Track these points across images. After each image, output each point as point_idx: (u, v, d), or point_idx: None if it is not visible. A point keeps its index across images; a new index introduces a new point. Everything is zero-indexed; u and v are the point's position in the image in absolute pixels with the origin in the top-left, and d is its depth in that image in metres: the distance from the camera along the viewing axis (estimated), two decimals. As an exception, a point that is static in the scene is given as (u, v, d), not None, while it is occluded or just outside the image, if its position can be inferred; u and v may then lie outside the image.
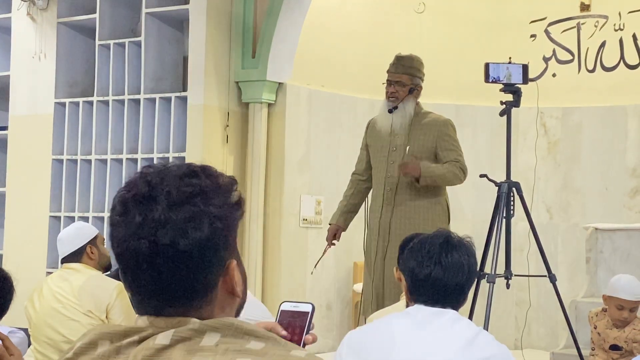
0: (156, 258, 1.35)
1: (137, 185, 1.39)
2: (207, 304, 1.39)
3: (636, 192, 7.64)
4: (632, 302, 4.97)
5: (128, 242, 1.37)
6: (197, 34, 6.97)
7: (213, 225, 1.36)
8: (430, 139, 5.42)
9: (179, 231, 1.34)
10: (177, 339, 1.33)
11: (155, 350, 1.32)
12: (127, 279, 1.40)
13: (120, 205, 1.39)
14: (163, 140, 7.11)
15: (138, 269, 1.37)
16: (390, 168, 5.47)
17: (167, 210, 1.35)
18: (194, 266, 1.36)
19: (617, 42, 7.82)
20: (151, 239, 1.34)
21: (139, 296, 1.40)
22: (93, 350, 1.40)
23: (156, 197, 1.36)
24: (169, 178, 1.37)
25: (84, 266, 4.56)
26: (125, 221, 1.38)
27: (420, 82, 5.54)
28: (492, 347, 2.69)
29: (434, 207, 5.42)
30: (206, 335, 1.33)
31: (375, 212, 5.50)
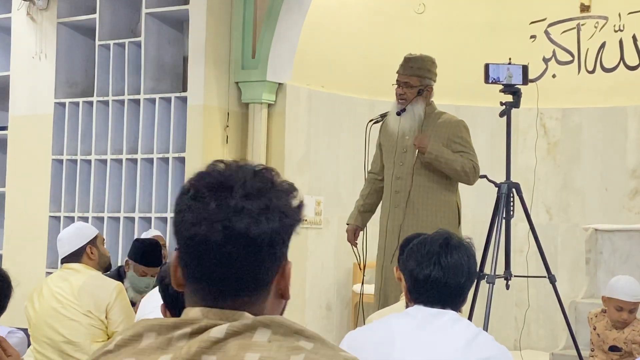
0: (227, 243, 1.38)
1: (211, 174, 1.42)
2: (261, 300, 1.43)
3: (636, 193, 7.64)
4: (631, 303, 4.97)
5: (200, 226, 1.39)
6: (197, 34, 6.97)
7: (282, 220, 1.42)
8: (441, 141, 5.37)
9: (252, 220, 1.39)
10: (230, 332, 1.36)
11: (210, 342, 1.35)
12: (191, 264, 1.42)
13: (193, 191, 1.41)
14: (163, 141, 7.11)
15: (206, 254, 1.39)
16: (398, 170, 5.44)
17: (242, 199, 1.39)
18: (261, 256, 1.40)
19: (617, 43, 7.82)
20: (226, 224, 1.38)
21: (199, 283, 1.42)
22: (137, 342, 1.40)
23: (232, 186, 1.40)
24: (243, 171, 1.42)
25: (84, 266, 4.56)
26: (198, 206, 1.40)
27: (430, 83, 5.44)
28: (491, 347, 2.69)
29: (444, 212, 5.38)
30: (257, 331, 1.36)
31: (385, 214, 5.49)
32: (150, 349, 1.39)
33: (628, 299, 4.96)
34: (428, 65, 5.46)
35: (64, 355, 4.46)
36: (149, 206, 7.14)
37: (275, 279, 1.44)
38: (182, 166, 7.00)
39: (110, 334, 4.51)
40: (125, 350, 1.40)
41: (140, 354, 1.39)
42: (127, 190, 7.24)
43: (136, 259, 5.68)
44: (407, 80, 5.42)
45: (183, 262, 1.44)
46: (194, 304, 1.42)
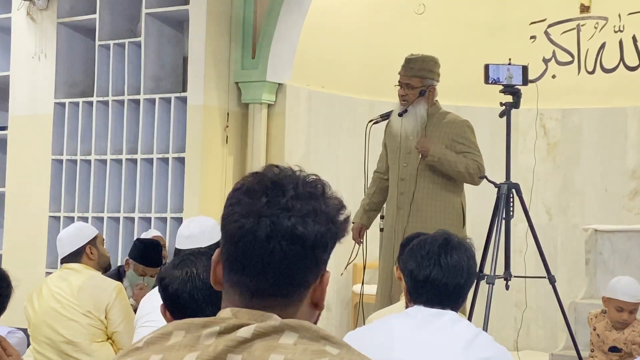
0: (272, 239, 1.41)
1: (265, 174, 1.47)
2: (294, 305, 1.45)
3: (636, 194, 7.64)
4: (631, 303, 4.98)
5: (248, 218, 1.42)
6: (197, 34, 6.97)
7: (328, 226, 1.45)
8: (444, 142, 5.35)
9: (300, 219, 1.42)
10: (257, 333, 1.37)
11: (237, 342, 1.37)
12: (234, 257, 1.44)
13: (246, 187, 1.46)
14: (163, 141, 7.11)
15: (250, 247, 1.42)
16: (403, 172, 5.43)
17: (293, 199, 1.43)
18: (302, 256, 1.43)
19: (617, 43, 7.82)
20: (274, 219, 1.41)
21: (239, 277, 1.44)
22: (165, 340, 1.42)
23: (284, 186, 1.45)
24: (296, 175, 1.48)
25: (84, 266, 4.56)
26: (249, 200, 1.44)
27: (432, 83, 5.42)
28: (491, 348, 2.69)
29: (449, 213, 5.36)
30: (284, 334, 1.38)
31: (390, 216, 5.48)
32: (178, 346, 1.40)
33: (628, 299, 4.97)
34: (429, 65, 5.44)
35: (63, 355, 4.46)
36: (148, 206, 7.14)
37: (313, 285, 1.47)
38: (182, 166, 7.00)
39: (110, 334, 4.51)
40: (153, 348, 1.42)
41: (168, 350, 1.40)
42: (126, 190, 7.24)
43: (136, 259, 5.69)
44: (409, 81, 5.40)
45: (225, 255, 1.46)
46: (229, 303, 1.45)
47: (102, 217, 7.30)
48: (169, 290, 2.83)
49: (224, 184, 6.97)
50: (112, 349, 4.51)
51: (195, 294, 2.79)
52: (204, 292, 2.79)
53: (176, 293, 2.81)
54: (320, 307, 1.50)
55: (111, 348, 4.52)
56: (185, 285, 2.80)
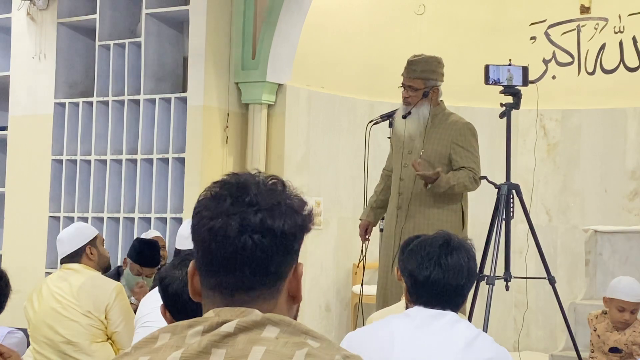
0: (243, 234, 1.48)
1: (226, 180, 1.54)
2: (273, 297, 1.51)
3: (635, 195, 7.64)
4: (633, 303, 4.98)
5: (217, 220, 1.49)
6: (197, 34, 6.97)
7: (294, 217, 1.51)
8: (445, 143, 5.34)
9: (267, 212, 1.49)
10: (240, 327, 1.43)
11: (220, 337, 1.42)
12: (208, 258, 1.50)
13: (210, 193, 1.53)
14: (163, 141, 7.11)
15: (223, 245, 1.48)
16: (403, 172, 5.42)
17: (257, 196, 1.50)
18: (274, 247, 1.49)
19: (617, 44, 7.82)
20: (242, 216, 1.48)
21: (216, 277, 1.50)
22: (152, 343, 1.47)
23: (247, 186, 1.51)
24: (255, 177, 1.54)
25: (83, 267, 4.56)
26: (215, 203, 1.50)
27: (436, 84, 5.38)
28: (491, 349, 2.69)
29: (448, 216, 5.35)
30: (266, 328, 1.44)
31: (389, 215, 5.48)
32: (165, 347, 1.45)
33: (630, 299, 4.97)
34: (432, 66, 5.42)
35: (63, 355, 4.46)
36: (148, 207, 7.14)
37: (287, 277, 1.53)
38: (181, 167, 7.00)
39: (109, 334, 4.51)
40: (141, 351, 1.47)
41: (155, 352, 1.45)
42: (126, 190, 7.24)
43: (133, 258, 5.70)
44: (411, 83, 5.38)
45: (200, 261, 1.52)
46: (211, 306, 1.50)
47: (102, 217, 7.30)
48: (169, 291, 2.83)
49: (224, 184, 6.97)
50: (112, 349, 4.52)
51: (195, 295, 2.79)
52: (204, 292, 2.79)
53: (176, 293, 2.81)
54: (297, 299, 1.55)
55: (111, 348, 4.52)
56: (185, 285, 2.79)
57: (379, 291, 5.45)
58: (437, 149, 5.34)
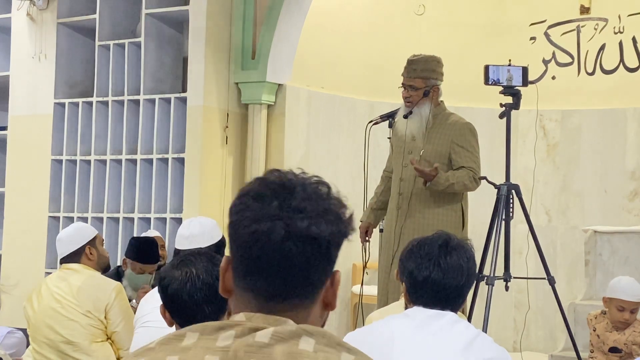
0: (287, 240, 1.43)
1: (269, 179, 1.49)
2: (308, 306, 1.47)
3: (635, 195, 7.64)
4: (633, 303, 4.98)
5: (262, 223, 1.43)
6: (197, 35, 6.97)
7: (338, 225, 1.47)
8: (445, 143, 5.33)
9: (313, 220, 1.44)
10: (276, 338, 1.38)
11: (257, 347, 1.38)
12: (248, 263, 1.45)
13: (253, 192, 1.47)
14: (162, 141, 7.10)
15: (266, 250, 1.44)
16: (404, 172, 5.42)
17: (304, 200, 1.45)
18: (318, 256, 1.45)
19: (617, 45, 7.82)
20: (288, 222, 1.43)
21: (253, 281, 1.45)
22: (178, 341, 1.42)
23: (293, 188, 1.46)
24: (301, 178, 1.50)
25: (83, 267, 4.56)
26: (259, 205, 1.45)
27: (436, 83, 5.37)
28: (491, 349, 2.69)
29: (448, 215, 5.34)
30: (302, 339, 1.39)
31: (389, 215, 5.48)
32: (195, 348, 1.40)
33: (630, 298, 4.97)
34: (432, 65, 5.41)
35: (63, 355, 4.45)
36: (148, 207, 7.14)
37: (325, 285, 1.49)
38: (181, 167, 7.00)
39: (109, 334, 4.51)
40: (167, 348, 1.42)
41: (183, 352, 1.40)
42: (126, 190, 7.24)
43: (133, 257, 5.70)
44: (412, 83, 5.37)
45: (237, 261, 1.47)
46: (243, 308, 1.46)
47: (102, 217, 7.30)
48: (168, 291, 2.83)
49: (224, 184, 6.98)
50: (111, 349, 4.51)
51: (194, 295, 2.79)
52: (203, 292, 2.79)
53: (176, 293, 2.81)
54: (332, 307, 1.51)
55: (111, 348, 4.52)
56: (184, 285, 2.80)
57: (380, 291, 5.45)
58: (437, 149, 5.34)
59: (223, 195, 6.94)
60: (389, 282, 5.31)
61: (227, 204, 6.98)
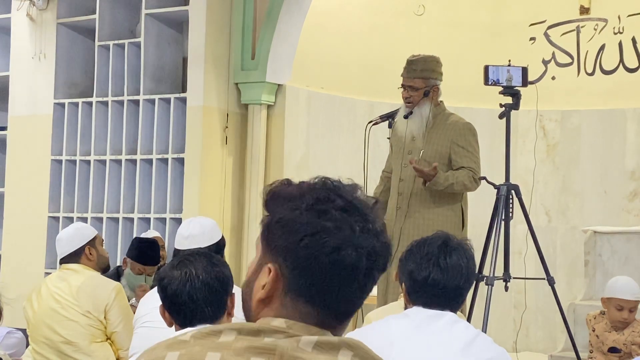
0: (372, 269, 1.41)
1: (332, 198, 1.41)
2: (345, 326, 1.46)
3: (635, 195, 7.64)
4: (631, 301, 4.98)
5: (346, 251, 1.39)
6: (197, 35, 6.97)
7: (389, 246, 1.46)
8: (445, 143, 5.33)
9: (383, 244, 1.42)
10: (318, 348, 1.37)
11: (301, 352, 1.36)
12: (318, 280, 1.40)
13: (322, 212, 1.40)
14: (162, 142, 7.10)
15: (348, 279, 1.40)
16: (403, 172, 5.41)
17: (374, 222, 1.42)
18: (372, 284, 1.44)
19: (617, 45, 7.82)
20: (370, 250, 1.40)
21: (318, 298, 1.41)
22: (215, 337, 1.39)
23: (364, 211, 1.42)
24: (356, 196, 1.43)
25: (83, 267, 4.56)
26: (337, 229, 1.39)
27: (436, 83, 5.38)
28: (490, 349, 2.69)
29: (447, 216, 5.33)
30: (341, 352, 1.37)
31: (389, 216, 5.48)
32: (236, 346, 1.37)
33: (628, 297, 4.97)
34: (432, 65, 5.41)
35: (62, 355, 4.46)
36: (148, 207, 7.14)
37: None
38: (181, 167, 7.00)
39: (109, 334, 4.51)
40: (203, 343, 1.38)
41: (224, 348, 1.37)
42: (126, 190, 7.24)
43: (134, 257, 5.70)
44: (412, 83, 5.36)
45: (297, 284, 1.41)
46: (290, 317, 1.42)
47: (102, 217, 7.29)
48: (168, 291, 2.83)
49: (224, 184, 6.98)
50: (111, 349, 4.52)
51: (194, 295, 2.79)
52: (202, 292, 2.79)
53: (175, 293, 2.81)
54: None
55: (110, 348, 4.52)
56: (184, 285, 2.80)
57: (380, 292, 5.46)
58: (437, 149, 5.34)
59: (223, 195, 6.94)
60: (388, 283, 5.31)
61: (227, 204, 7.00)
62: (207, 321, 2.78)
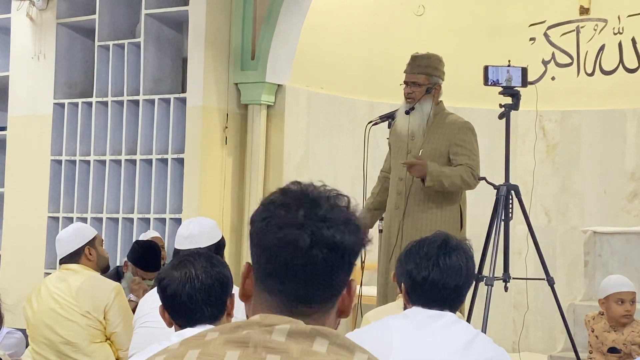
0: (314, 248, 1.50)
1: (292, 190, 1.56)
2: (325, 312, 1.55)
3: (634, 196, 7.64)
4: (630, 292, 4.99)
5: (289, 230, 1.51)
6: (197, 35, 6.97)
7: (358, 235, 1.55)
8: (444, 142, 5.32)
9: (337, 229, 1.52)
10: (291, 339, 1.44)
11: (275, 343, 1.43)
12: (270, 267, 1.52)
13: (279, 201, 1.54)
14: (162, 142, 7.10)
15: (291, 257, 1.50)
16: (402, 171, 5.39)
17: (329, 211, 1.53)
18: (340, 264, 1.53)
19: (616, 45, 7.82)
20: (314, 229, 1.50)
21: (277, 286, 1.52)
22: (200, 339, 1.47)
23: (318, 199, 1.54)
24: (325, 190, 1.57)
25: (82, 267, 4.56)
26: (285, 213, 1.52)
27: (438, 81, 5.38)
28: (490, 349, 2.69)
29: (446, 215, 5.31)
30: (316, 341, 1.45)
31: (388, 215, 5.48)
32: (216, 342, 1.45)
33: (626, 289, 4.98)
34: (435, 63, 5.41)
35: (62, 355, 4.46)
36: (147, 207, 7.14)
37: (342, 293, 1.57)
38: (181, 167, 7.00)
39: (108, 334, 4.51)
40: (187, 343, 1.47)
41: (205, 345, 1.45)
42: (125, 191, 7.24)
43: (135, 262, 5.69)
44: (415, 79, 5.35)
45: (260, 267, 1.54)
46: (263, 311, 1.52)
47: (101, 217, 7.29)
48: (167, 291, 2.83)
49: (223, 184, 6.97)
50: (110, 350, 4.52)
51: (193, 295, 2.79)
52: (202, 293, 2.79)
53: (175, 294, 2.81)
54: (346, 314, 1.59)
55: (110, 349, 4.52)
56: (183, 286, 2.80)
57: (379, 292, 5.46)
58: (436, 147, 5.33)
59: (222, 195, 6.94)
60: (387, 283, 5.31)
61: (226, 205, 7.00)
62: (206, 321, 2.79)
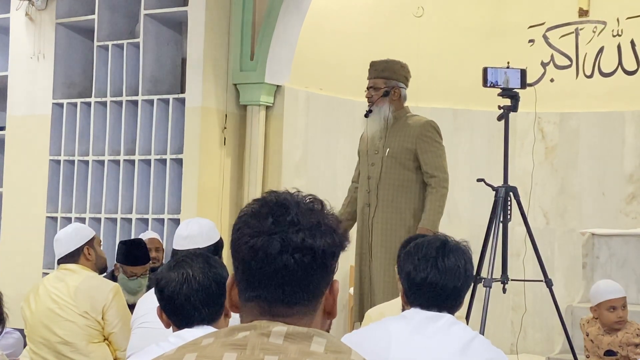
0: (284, 253, 1.52)
1: (266, 198, 1.58)
2: (310, 315, 1.56)
3: (633, 198, 7.64)
4: (620, 298, 4.98)
5: (258, 238, 1.53)
6: (196, 35, 6.97)
7: (332, 237, 1.56)
8: (409, 140, 5.41)
9: (308, 233, 1.54)
10: (289, 339, 1.47)
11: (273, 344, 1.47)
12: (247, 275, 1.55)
13: (250, 211, 1.57)
14: (161, 142, 7.10)
15: (263, 263, 1.53)
16: (370, 170, 5.50)
17: (298, 215, 1.54)
18: (314, 266, 1.54)
19: (615, 47, 7.83)
20: (283, 235, 1.53)
21: (256, 292, 1.54)
22: (197, 344, 1.50)
23: (287, 205, 1.56)
24: (294, 196, 1.59)
25: (81, 267, 4.56)
26: (256, 221, 1.55)
27: (396, 84, 5.50)
28: (488, 351, 2.69)
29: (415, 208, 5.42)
30: (313, 341, 1.48)
31: (360, 215, 5.55)
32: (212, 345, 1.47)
33: (617, 295, 4.97)
34: (394, 67, 5.55)
35: (60, 356, 4.45)
36: (146, 207, 7.13)
37: (324, 294, 1.58)
38: (179, 167, 7.00)
39: (106, 335, 4.51)
40: (185, 349, 1.50)
41: (201, 349, 1.47)
42: (124, 191, 7.24)
43: (122, 261, 5.70)
44: (373, 84, 5.53)
45: (240, 277, 1.57)
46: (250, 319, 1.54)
47: (100, 218, 7.29)
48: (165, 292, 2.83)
49: (222, 185, 6.97)
50: (108, 350, 4.51)
51: (191, 296, 2.79)
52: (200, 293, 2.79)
53: (172, 295, 2.81)
54: (332, 315, 1.60)
55: (108, 349, 4.51)
56: (181, 287, 2.80)
57: (355, 290, 5.52)
58: (403, 145, 5.43)
59: (221, 196, 6.94)
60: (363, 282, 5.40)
61: (225, 205, 7.00)
62: (204, 322, 2.78)
